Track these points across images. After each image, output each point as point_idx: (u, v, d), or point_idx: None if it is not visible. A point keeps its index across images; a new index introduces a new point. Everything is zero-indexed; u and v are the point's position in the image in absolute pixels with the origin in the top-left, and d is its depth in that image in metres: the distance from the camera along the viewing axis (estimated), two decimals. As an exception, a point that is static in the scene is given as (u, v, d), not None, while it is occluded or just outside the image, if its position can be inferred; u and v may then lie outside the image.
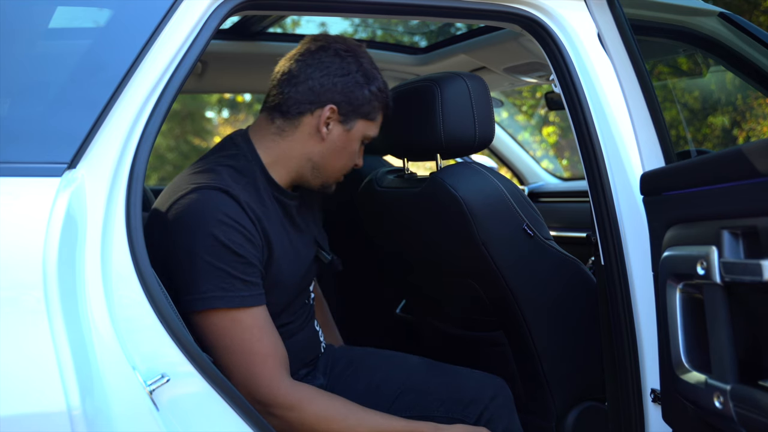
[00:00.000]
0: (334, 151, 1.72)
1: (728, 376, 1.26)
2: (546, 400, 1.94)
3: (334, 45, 1.71)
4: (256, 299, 1.57)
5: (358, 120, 1.72)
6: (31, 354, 1.16)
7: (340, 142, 1.72)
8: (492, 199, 1.82)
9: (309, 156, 1.71)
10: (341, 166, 1.76)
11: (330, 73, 1.68)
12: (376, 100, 1.72)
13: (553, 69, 1.76)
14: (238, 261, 1.55)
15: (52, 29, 1.43)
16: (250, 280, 1.56)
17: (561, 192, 3.51)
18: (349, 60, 1.70)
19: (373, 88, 1.71)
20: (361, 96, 1.70)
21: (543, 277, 1.89)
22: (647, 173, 1.60)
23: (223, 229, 1.54)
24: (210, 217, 1.54)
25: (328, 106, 1.68)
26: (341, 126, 1.70)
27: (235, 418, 1.35)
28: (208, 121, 12.80)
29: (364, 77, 1.70)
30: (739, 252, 1.25)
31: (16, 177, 1.24)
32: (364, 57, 1.73)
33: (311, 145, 1.71)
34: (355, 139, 1.73)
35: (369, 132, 1.75)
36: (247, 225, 1.58)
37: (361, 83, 1.70)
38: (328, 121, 1.69)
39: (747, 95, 8.01)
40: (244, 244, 1.56)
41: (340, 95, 1.68)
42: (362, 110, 1.71)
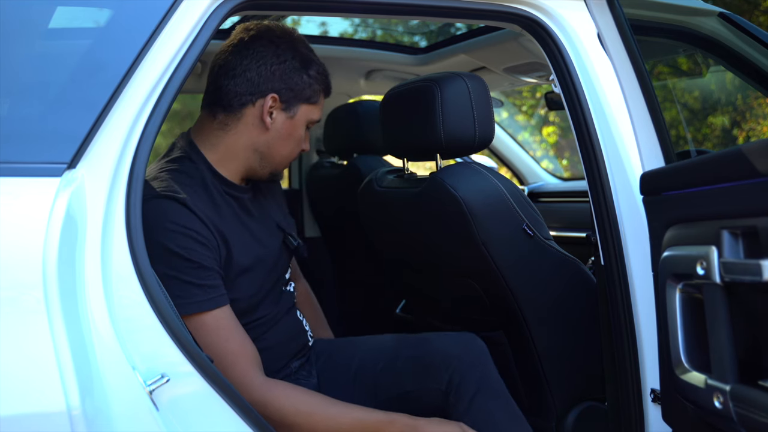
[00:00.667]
0: (279, 139, 1.73)
1: (728, 376, 1.26)
2: (546, 400, 1.94)
3: (267, 33, 1.72)
4: (214, 302, 1.57)
5: (301, 105, 1.73)
6: (31, 354, 1.16)
7: (284, 130, 1.73)
8: (492, 199, 1.82)
9: (255, 147, 1.72)
10: (288, 153, 1.77)
11: (266, 62, 1.69)
12: (316, 83, 1.73)
13: (553, 69, 1.76)
14: (191, 266, 1.55)
15: (52, 29, 1.43)
16: (205, 284, 1.56)
17: (561, 192, 3.51)
18: (283, 47, 1.71)
19: (312, 71, 1.72)
20: (301, 81, 1.71)
21: (543, 277, 1.89)
22: (647, 173, 1.60)
23: (172, 237, 1.55)
24: (157, 227, 1.54)
25: (269, 95, 1.69)
26: (284, 113, 1.72)
27: (235, 418, 1.35)
28: (208, 121, 12.77)
29: (301, 62, 1.71)
30: (739, 252, 1.25)
31: (16, 177, 1.24)
32: (299, 42, 1.73)
33: (256, 135, 1.72)
34: (299, 124, 1.74)
35: (312, 116, 1.76)
36: (198, 228, 1.58)
37: (299, 68, 1.71)
38: (271, 109, 1.70)
39: (747, 95, 8.01)
40: (196, 248, 1.56)
41: (279, 83, 1.69)
42: (303, 95, 1.72)
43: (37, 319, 1.17)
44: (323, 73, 1.76)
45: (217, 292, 1.58)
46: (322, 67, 1.76)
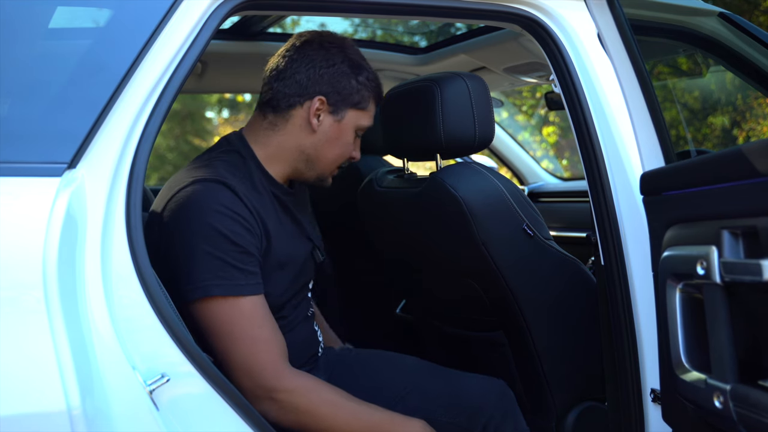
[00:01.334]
0: (326, 142, 1.73)
1: (728, 376, 1.26)
2: (546, 400, 1.94)
3: (319, 38, 1.74)
4: (253, 288, 1.58)
5: (349, 110, 1.73)
6: (31, 354, 1.16)
7: (332, 133, 1.73)
8: (492, 199, 1.82)
9: (302, 148, 1.73)
10: (335, 157, 1.76)
11: (315, 65, 1.70)
12: (365, 90, 1.74)
13: (553, 69, 1.76)
14: (236, 250, 1.56)
15: (52, 29, 1.43)
16: (247, 269, 1.57)
17: (561, 192, 3.51)
18: (333, 51, 1.72)
19: (361, 77, 1.73)
20: (349, 85, 1.71)
21: (543, 277, 1.89)
22: (647, 173, 1.60)
23: (221, 219, 1.56)
24: (207, 208, 1.56)
25: (316, 97, 1.70)
26: (332, 116, 1.72)
27: (235, 418, 1.35)
28: (208, 121, 12.81)
29: (350, 67, 1.72)
30: (739, 252, 1.25)
31: (16, 177, 1.24)
32: (350, 48, 1.74)
33: (303, 137, 1.72)
34: (347, 129, 1.74)
35: (361, 122, 1.76)
36: (245, 214, 1.60)
37: (348, 73, 1.71)
38: (318, 112, 1.70)
39: (747, 95, 8.01)
40: (242, 233, 1.58)
41: (327, 86, 1.70)
42: (352, 100, 1.72)
43: (37, 319, 1.17)
44: (373, 80, 1.76)
45: (256, 279, 1.60)
46: (372, 74, 1.76)
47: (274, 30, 2.62)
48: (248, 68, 2.85)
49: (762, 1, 8.24)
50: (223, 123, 12.93)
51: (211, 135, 12.55)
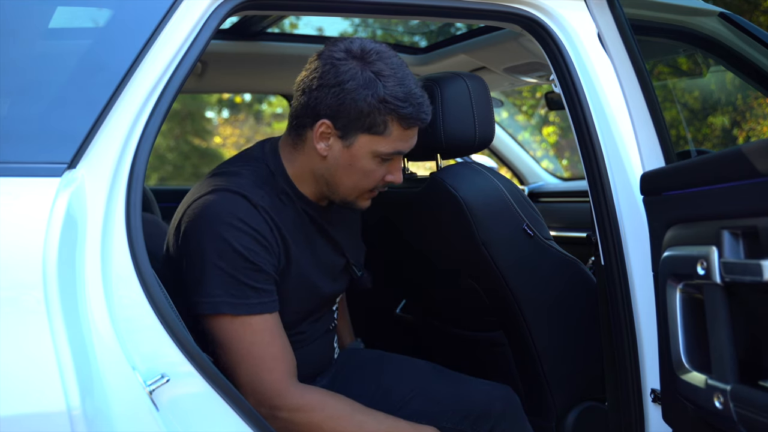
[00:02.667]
0: (339, 169, 1.59)
1: (728, 376, 1.26)
2: (546, 400, 1.94)
3: (338, 51, 1.55)
4: (266, 306, 1.53)
5: (359, 135, 1.55)
6: (31, 354, 1.16)
7: (343, 160, 1.58)
8: (492, 199, 1.82)
9: (318, 172, 1.62)
10: (353, 184, 1.61)
11: (325, 83, 1.53)
12: (379, 113, 1.53)
13: (553, 69, 1.76)
14: (250, 268, 1.51)
15: (52, 29, 1.43)
16: (260, 287, 1.53)
17: (561, 192, 3.51)
18: (348, 66, 1.53)
19: (372, 98, 1.51)
20: (355, 108, 1.52)
21: (543, 277, 1.89)
22: (647, 173, 1.60)
23: (236, 234, 1.50)
24: (224, 221, 1.50)
25: (320, 120, 1.55)
26: (341, 141, 1.56)
27: (235, 418, 1.35)
28: (208, 121, 12.80)
29: (363, 86, 1.51)
30: (739, 252, 1.25)
31: (16, 177, 1.24)
32: (377, 61, 1.54)
33: (316, 161, 1.60)
34: (359, 156, 1.57)
35: (379, 147, 1.56)
36: (263, 231, 1.53)
37: (357, 93, 1.51)
38: (326, 136, 1.56)
39: (747, 95, 8.01)
40: (258, 251, 1.52)
41: (331, 108, 1.53)
42: (361, 123, 1.53)
43: (37, 319, 1.17)
44: (395, 100, 1.52)
45: (270, 297, 1.55)
46: (395, 92, 1.52)
47: (273, 30, 2.62)
48: (248, 68, 2.86)
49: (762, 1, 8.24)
50: (223, 123, 12.93)
51: (211, 135, 12.55)
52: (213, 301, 1.50)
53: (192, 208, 1.55)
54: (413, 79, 1.59)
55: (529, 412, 1.93)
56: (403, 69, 1.58)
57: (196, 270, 1.51)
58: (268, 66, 2.81)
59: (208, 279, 1.50)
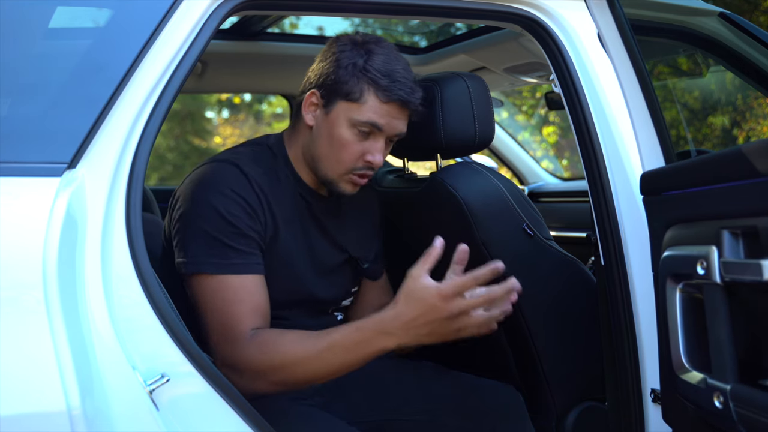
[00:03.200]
0: (320, 139, 1.66)
1: (728, 376, 1.26)
2: (546, 399, 1.94)
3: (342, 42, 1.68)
4: (247, 267, 1.58)
5: (339, 101, 1.63)
6: (31, 354, 1.16)
7: (324, 128, 1.65)
8: (492, 199, 1.82)
9: (305, 147, 1.71)
10: (334, 158, 1.65)
11: (322, 59, 1.68)
12: (355, 78, 1.61)
13: (553, 69, 1.76)
14: (233, 232, 1.58)
15: (52, 29, 1.43)
16: (243, 249, 1.58)
17: (561, 192, 3.51)
18: (340, 45, 1.66)
19: (352, 67, 1.61)
20: (336, 74, 1.62)
21: (543, 276, 1.89)
22: (647, 173, 1.60)
23: (223, 201, 1.58)
24: (213, 188, 1.59)
25: (309, 91, 1.67)
26: (323, 110, 1.66)
27: (235, 418, 1.35)
28: (208, 121, 12.80)
29: (348, 57, 1.63)
30: (739, 252, 1.25)
31: (16, 177, 1.24)
32: (374, 46, 1.65)
33: (305, 135, 1.70)
34: (336, 123, 1.63)
35: (354, 115, 1.62)
36: (250, 199, 1.61)
37: (342, 62, 1.63)
38: (314, 107, 1.67)
39: (747, 95, 8.01)
40: (242, 216, 1.59)
41: (321, 78, 1.65)
42: (341, 90, 1.62)
43: (37, 319, 1.17)
44: (370, 68, 1.61)
45: (254, 259, 1.60)
46: (374, 62, 1.61)
47: (273, 30, 2.62)
48: (248, 68, 2.86)
49: (762, 1, 8.24)
50: (223, 123, 12.93)
51: (211, 135, 12.55)
52: (195, 260, 1.56)
53: (188, 179, 1.66)
54: (404, 65, 1.66)
55: (529, 412, 1.93)
56: (395, 55, 1.67)
57: (183, 233, 1.59)
58: (268, 66, 2.81)
59: (193, 240, 1.57)
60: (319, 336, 1.51)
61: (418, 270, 1.46)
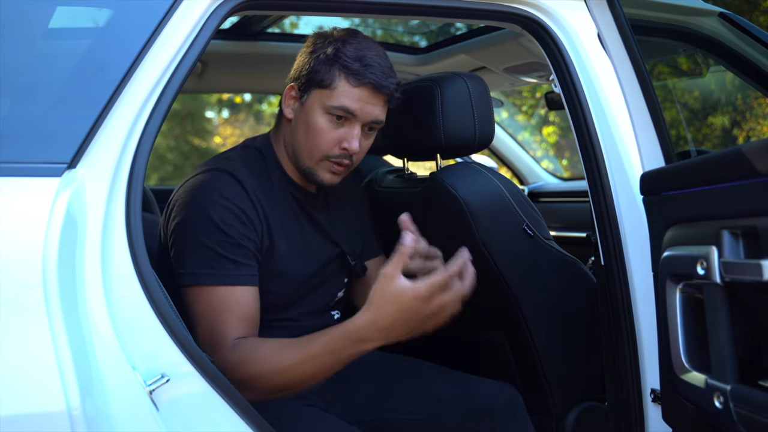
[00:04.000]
0: (299, 129, 1.69)
1: (728, 376, 1.26)
2: (546, 400, 1.94)
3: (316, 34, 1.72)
4: (242, 279, 1.58)
5: (313, 90, 1.66)
6: (31, 354, 1.16)
7: (301, 118, 1.68)
8: (492, 199, 1.82)
9: (287, 141, 1.73)
10: (311, 146, 1.66)
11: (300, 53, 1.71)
12: (326, 65, 1.64)
13: (553, 69, 1.76)
14: (229, 242, 1.58)
15: (52, 29, 1.43)
16: (239, 261, 1.58)
17: (561, 192, 3.51)
18: (315, 40, 1.70)
19: (325, 53, 1.64)
20: (310, 64, 1.66)
21: (543, 277, 1.89)
22: (647, 173, 1.60)
23: (218, 210, 1.58)
24: (208, 198, 1.59)
25: (288, 85, 1.70)
26: (299, 102, 1.69)
27: (235, 418, 1.35)
28: (208, 121, 12.81)
29: (321, 48, 1.66)
30: (739, 252, 1.25)
31: (16, 177, 1.24)
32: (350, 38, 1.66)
33: (287, 130, 1.73)
34: (311, 111, 1.65)
35: (327, 100, 1.63)
36: (246, 208, 1.61)
37: (315, 53, 1.66)
38: (292, 99, 1.70)
39: (747, 95, 8.01)
40: (238, 227, 1.59)
41: (297, 71, 1.69)
42: (314, 79, 1.65)
43: (37, 319, 1.17)
44: (346, 57, 1.63)
45: (249, 270, 1.60)
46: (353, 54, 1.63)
47: (273, 30, 2.62)
48: (248, 68, 2.86)
49: (762, 1, 8.24)
50: (223, 123, 12.93)
51: (211, 135, 12.55)
52: (192, 272, 1.56)
53: (182, 188, 1.65)
54: (378, 53, 1.66)
55: (529, 412, 1.93)
56: (370, 44, 1.67)
57: (180, 244, 1.59)
58: (268, 66, 2.81)
59: (189, 252, 1.57)
60: (297, 346, 1.51)
61: (391, 269, 1.43)
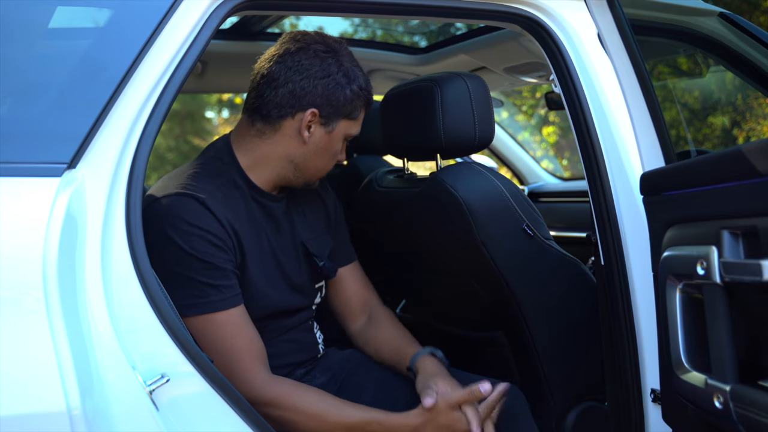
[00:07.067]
0: (316, 153, 1.71)
1: (728, 376, 1.26)
2: (546, 400, 1.94)
3: (314, 45, 1.68)
4: (229, 302, 1.59)
5: (340, 120, 1.70)
6: (31, 354, 1.16)
7: (322, 144, 1.71)
8: (492, 199, 1.82)
9: (291, 158, 1.71)
10: (323, 166, 1.76)
11: (310, 75, 1.66)
12: (357, 99, 1.71)
13: (553, 69, 1.76)
14: (205, 267, 1.56)
15: (52, 29, 1.43)
16: (219, 284, 1.58)
17: (561, 192, 3.51)
18: (329, 61, 1.68)
19: (354, 87, 1.69)
20: (343, 97, 1.68)
21: (543, 277, 1.89)
22: (647, 173, 1.60)
23: (187, 238, 1.56)
24: (174, 227, 1.56)
25: (309, 110, 1.66)
26: (323, 128, 1.69)
27: (235, 418, 1.35)
28: (208, 121, 12.81)
29: (345, 77, 1.68)
30: (739, 252, 1.25)
31: (16, 177, 1.24)
32: (345, 56, 1.70)
33: (293, 147, 1.70)
34: (337, 139, 1.73)
35: (351, 131, 1.74)
36: (214, 229, 1.59)
37: (343, 84, 1.68)
38: (310, 123, 1.68)
39: (747, 95, 8.01)
40: (210, 251, 1.57)
41: (321, 98, 1.66)
42: (344, 110, 1.70)
43: (37, 319, 1.17)
44: (365, 89, 1.73)
45: (231, 291, 1.60)
46: (365, 82, 1.73)
47: (273, 30, 2.62)
48: (248, 68, 2.85)
49: (762, 1, 8.25)
50: (223, 123, 12.93)
51: (211, 135, 12.55)
52: (178, 305, 1.51)
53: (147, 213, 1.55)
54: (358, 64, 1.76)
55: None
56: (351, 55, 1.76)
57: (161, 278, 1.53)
58: (268, 66, 2.80)
59: (169, 285, 1.51)
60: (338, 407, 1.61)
61: (457, 399, 1.64)
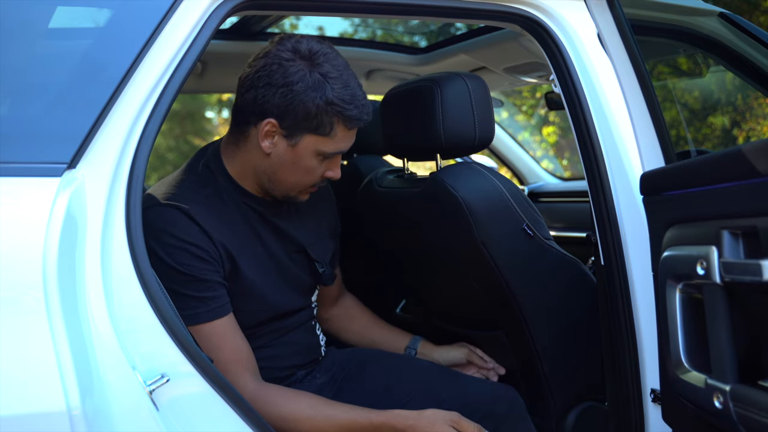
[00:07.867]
0: (282, 166, 1.62)
1: (728, 376, 1.26)
2: (546, 400, 1.94)
3: (284, 48, 1.57)
4: (213, 313, 1.57)
5: (305, 135, 1.58)
6: (31, 354, 1.16)
7: (287, 157, 1.60)
8: (492, 199, 1.82)
9: (260, 169, 1.64)
10: (295, 181, 1.64)
11: (272, 82, 1.55)
12: (326, 114, 1.56)
13: (553, 69, 1.76)
14: (189, 280, 1.55)
15: (52, 29, 1.43)
16: (204, 296, 1.56)
17: (561, 192, 3.51)
18: (297, 66, 1.55)
19: (320, 100, 1.54)
20: (304, 109, 1.55)
21: (543, 277, 1.89)
22: (647, 173, 1.60)
23: (169, 251, 1.54)
24: (155, 239, 1.53)
25: (266, 119, 1.57)
26: (285, 141, 1.59)
27: (235, 418, 1.35)
28: (208, 121, 12.81)
29: (312, 88, 1.54)
30: (739, 252, 1.25)
31: (16, 177, 1.24)
32: (325, 63, 1.57)
33: (259, 158, 1.63)
34: (303, 155, 1.60)
35: (323, 147, 1.60)
36: (198, 241, 1.56)
37: (305, 94, 1.54)
38: (272, 134, 1.58)
39: (747, 95, 8.01)
40: (193, 263, 1.55)
41: (279, 108, 1.55)
42: (307, 124, 1.56)
43: (37, 319, 1.17)
44: (339, 103, 1.55)
45: (216, 302, 1.58)
46: (342, 95, 1.56)
47: (273, 30, 2.62)
48: (248, 68, 2.85)
49: (762, 1, 8.25)
50: (223, 123, 12.93)
51: (211, 135, 12.56)
52: None
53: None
54: (356, 81, 1.63)
55: (529, 412, 1.93)
56: (347, 71, 1.61)
57: None
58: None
59: None
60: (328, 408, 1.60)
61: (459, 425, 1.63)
